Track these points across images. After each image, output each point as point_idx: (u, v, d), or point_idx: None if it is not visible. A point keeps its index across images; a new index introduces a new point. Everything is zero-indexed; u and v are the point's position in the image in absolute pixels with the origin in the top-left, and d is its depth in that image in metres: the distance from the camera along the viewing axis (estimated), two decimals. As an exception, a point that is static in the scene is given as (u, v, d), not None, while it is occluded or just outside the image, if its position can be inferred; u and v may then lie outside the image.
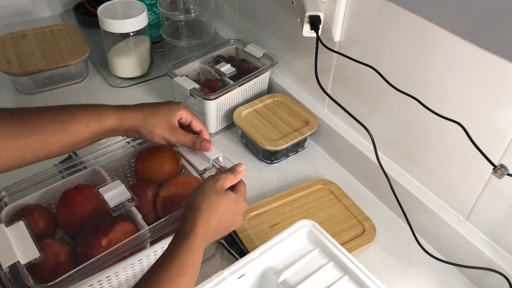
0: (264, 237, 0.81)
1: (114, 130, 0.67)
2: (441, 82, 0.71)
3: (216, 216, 0.60)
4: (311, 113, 1.01)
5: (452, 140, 0.73)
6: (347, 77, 0.90)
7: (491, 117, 0.66)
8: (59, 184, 0.74)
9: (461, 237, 0.76)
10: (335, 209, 0.87)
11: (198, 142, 0.71)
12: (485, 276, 0.75)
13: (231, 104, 1.04)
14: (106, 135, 0.67)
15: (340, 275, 0.64)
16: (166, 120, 0.70)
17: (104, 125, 0.66)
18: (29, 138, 0.60)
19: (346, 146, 0.94)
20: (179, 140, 0.71)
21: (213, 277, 0.61)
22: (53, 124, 0.62)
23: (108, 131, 0.67)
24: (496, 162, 0.66)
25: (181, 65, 1.07)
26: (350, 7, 0.82)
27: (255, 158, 1.00)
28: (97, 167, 0.76)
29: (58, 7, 1.45)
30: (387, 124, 0.85)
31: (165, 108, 0.71)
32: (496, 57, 0.62)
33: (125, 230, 0.67)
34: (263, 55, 1.08)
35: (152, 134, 0.70)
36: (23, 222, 0.63)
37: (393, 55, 0.78)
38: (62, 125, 0.62)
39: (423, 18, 0.70)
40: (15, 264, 0.58)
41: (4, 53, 1.13)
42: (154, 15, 1.26)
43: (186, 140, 0.71)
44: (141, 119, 0.68)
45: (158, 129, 0.69)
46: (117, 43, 1.15)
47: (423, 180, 0.82)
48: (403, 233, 0.83)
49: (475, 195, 0.74)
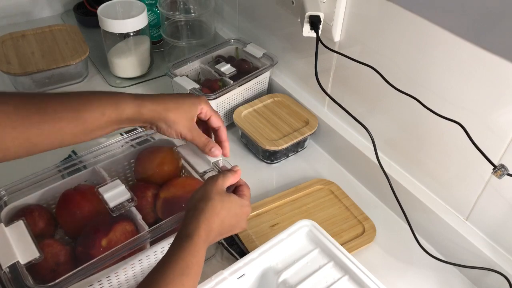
0: (264, 237, 0.81)
1: (132, 120, 0.63)
2: (441, 82, 0.71)
3: (219, 218, 0.59)
4: (311, 113, 1.01)
5: (452, 140, 0.73)
6: (347, 77, 0.90)
7: (491, 117, 0.66)
8: (59, 184, 0.74)
9: (461, 237, 0.76)
10: (335, 209, 0.87)
11: (208, 146, 0.69)
12: (485, 276, 0.75)
13: (231, 104, 1.04)
14: (122, 125, 0.63)
15: (340, 275, 0.64)
16: (187, 116, 0.66)
17: (121, 114, 0.62)
18: (42, 125, 0.57)
19: (346, 146, 0.94)
20: (194, 139, 0.68)
21: (213, 277, 0.61)
22: (67, 111, 0.59)
23: (125, 121, 0.63)
24: (496, 162, 0.66)
25: (181, 65, 1.07)
26: (350, 7, 0.82)
27: (255, 158, 1.00)
28: (97, 167, 0.76)
29: (58, 7, 1.45)
30: (387, 124, 0.85)
31: (186, 102, 0.67)
32: (496, 57, 0.62)
33: (125, 231, 0.67)
34: (263, 55, 1.08)
35: (171, 129, 0.66)
36: (22, 221, 0.63)
37: (393, 55, 0.78)
38: (77, 113, 0.59)
39: (423, 18, 0.70)
40: (15, 264, 0.58)
41: (4, 53, 1.13)
42: (154, 15, 1.26)
43: (200, 141, 0.68)
44: (162, 112, 0.64)
45: (177, 125, 0.66)
46: (117, 43, 1.15)
47: (423, 180, 0.82)
48: (403, 233, 0.83)
49: (475, 195, 0.73)
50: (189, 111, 0.67)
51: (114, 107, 0.61)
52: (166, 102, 0.65)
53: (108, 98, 0.62)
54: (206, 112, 0.69)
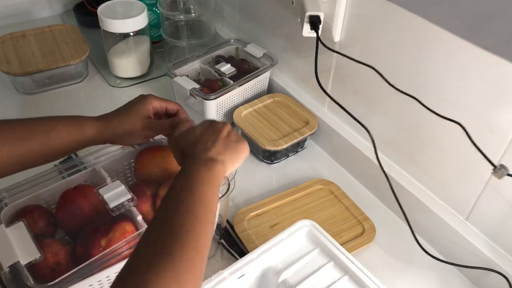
0: (264, 237, 0.81)
1: (95, 140, 0.68)
2: (441, 82, 0.71)
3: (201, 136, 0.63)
4: (311, 113, 1.01)
5: (452, 140, 0.73)
6: (347, 77, 0.90)
7: (491, 117, 0.66)
8: (59, 184, 0.74)
9: (461, 237, 0.76)
10: (335, 209, 0.87)
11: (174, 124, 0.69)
12: (485, 276, 0.75)
13: (231, 104, 1.04)
14: (87, 144, 0.68)
15: (340, 275, 0.64)
16: (141, 119, 0.70)
17: (84, 134, 0.67)
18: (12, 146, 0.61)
19: (346, 146, 0.94)
20: (158, 131, 0.71)
21: (213, 277, 0.61)
22: (36, 132, 0.64)
23: (90, 141, 0.68)
24: (496, 162, 0.66)
25: (181, 65, 1.07)
26: (350, 7, 0.82)
27: (255, 158, 1.00)
28: (97, 167, 0.76)
29: (58, 7, 1.45)
30: (387, 124, 0.85)
31: (134, 107, 0.70)
32: (496, 56, 0.62)
33: (125, 231, 0.67)
34: (263, 55, 1.08)
35: (133, 138, 0.70)
36: (23, 222, 0.63)
37: (393, 55, 0.78)
38: (44, 134, 0.64)
39: (423, 18, 0.70)
40: (15, 264, 0.58)
41: (4, 53, 1.13)
42: (154, 15, 1.26)
43: (164, 128, 0.70)
44: (117, 125, 0.69)
45: (137, 131, 0.69)
46: (117, 43, 1.15)
47: (423, 180, 0.82)
48: (403, 233, 0.83)
49: (475, 195, 0.73)
50: (141, 113, 0.70)
51: (78, 127, 0.67)
52: (119, 116, 0.70)
53: (72, 120, 0.67)
54: (159, 106, 0.72)
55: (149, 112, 0.70)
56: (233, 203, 0.88)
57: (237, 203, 0.88)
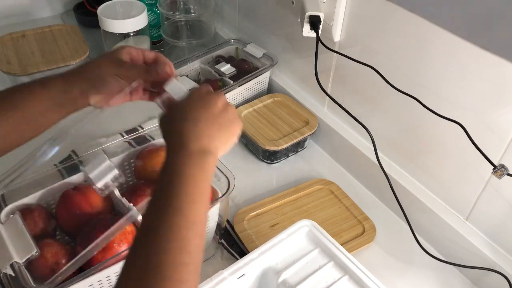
0: (264, 237, 0.81)
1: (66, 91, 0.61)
2: (441, 82, 0.71)
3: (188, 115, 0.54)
4: (311, 113, 1.01)
5: (452, 140, 0.73)
6: (347, 77, 0.90)
7: (491, 117, 0.66)
8: (59, 184, 0.74)
9: (461, 237, 0.76)
10: (335, 209, 0.87)
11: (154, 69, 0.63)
12: (485, 276, 0.74)
13: (231, 104, 1.04)
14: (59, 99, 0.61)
15: (340, 275, 0.64)
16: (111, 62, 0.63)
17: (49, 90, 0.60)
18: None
19: (346, 146, 0.94)
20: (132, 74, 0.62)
21: (213, 277, 0.61)
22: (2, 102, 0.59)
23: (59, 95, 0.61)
24: (496, 162, 0.66)
25: (181, 65, 1.07)
26: (350, 7, 0.82)
27: (255, 158, 1.00)
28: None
29: (58, 7, 1.45)
30: (387, 124, 0.85)
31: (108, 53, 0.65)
32: (496, 57, 0.62)
33: (125, 230, 0.67)
34: (263, 55, 1.08)
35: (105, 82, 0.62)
36: (18, 216, 0.62)
37: (393, 55, 0.78)
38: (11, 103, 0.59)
39: (423, 18, 0.70)
40: (13, 264, 0.58)
41: (4, 53, 1.13)
42: (154, 15, 1.26)
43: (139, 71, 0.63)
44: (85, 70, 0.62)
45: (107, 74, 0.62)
46: (117, 43, 1.15)
47: (423, 180, 0.82)
48: (403, 233, 0.83)
49: (475, 195, 0.73)
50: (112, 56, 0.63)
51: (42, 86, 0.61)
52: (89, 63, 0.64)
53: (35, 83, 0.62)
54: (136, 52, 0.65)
55: (121, 56, 0.63)
56: (233, 203, 0.88)
57: (237, 203, 0.88)
